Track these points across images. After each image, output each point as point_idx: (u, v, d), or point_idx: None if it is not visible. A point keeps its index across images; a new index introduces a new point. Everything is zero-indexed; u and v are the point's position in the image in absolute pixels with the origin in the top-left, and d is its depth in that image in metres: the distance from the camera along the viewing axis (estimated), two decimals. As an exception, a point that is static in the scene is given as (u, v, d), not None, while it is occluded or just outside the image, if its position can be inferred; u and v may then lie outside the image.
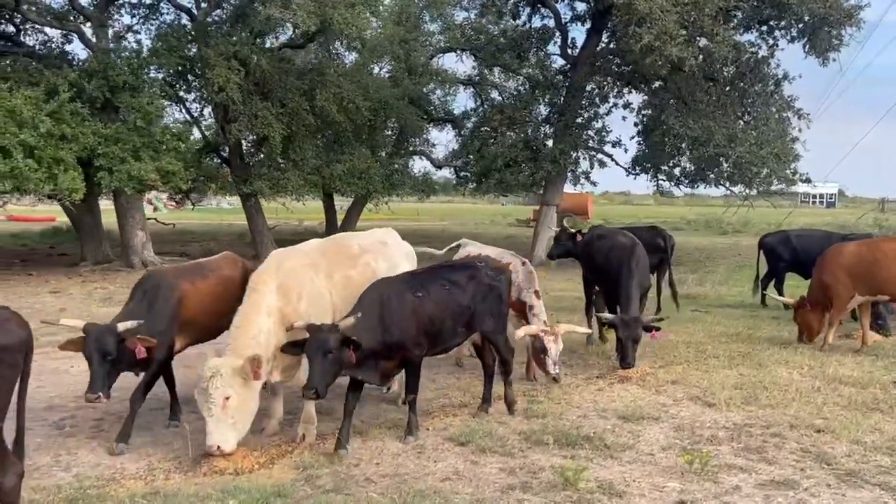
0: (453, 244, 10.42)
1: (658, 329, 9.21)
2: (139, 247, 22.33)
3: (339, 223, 34.38)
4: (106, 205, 24.73)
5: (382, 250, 7.88)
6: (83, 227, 23.63)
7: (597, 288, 10.87)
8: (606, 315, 9.34)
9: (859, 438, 6.81)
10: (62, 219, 29.34)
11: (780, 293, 14.22)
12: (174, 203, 59.27)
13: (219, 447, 5.95)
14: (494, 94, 31.78)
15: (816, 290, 10.85)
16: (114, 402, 6.99)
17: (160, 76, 23.31)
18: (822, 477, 6.00)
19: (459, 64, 31.38)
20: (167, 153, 20.22)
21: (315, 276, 7.09)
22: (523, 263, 8.88)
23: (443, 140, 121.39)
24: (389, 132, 33.05)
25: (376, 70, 30.51)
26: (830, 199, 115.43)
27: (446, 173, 37.04)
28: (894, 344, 11.02)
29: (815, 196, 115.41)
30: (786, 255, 14.70)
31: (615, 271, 9.61)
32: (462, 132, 31.41)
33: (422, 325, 6.68)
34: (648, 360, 9.91)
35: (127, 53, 21.15)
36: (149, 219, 32.48)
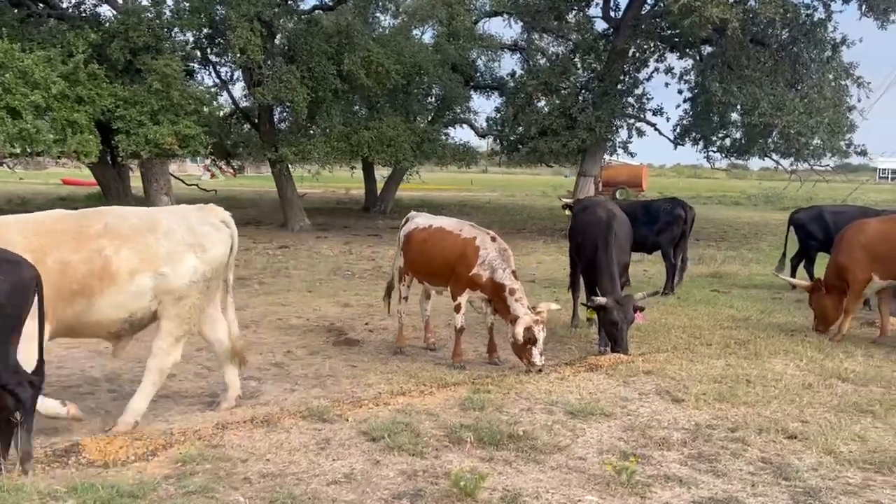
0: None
1: (643, 309, 8.34)
2: (163, 212, 22.09)
3: (379, 192, 34.02)
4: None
5: (140, 237, 6.05)
6: (111, 193, 23.57)
7: None
8: (599, 298, 8.41)
9: (834, 448, 5.86)
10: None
11: (811, 274, 13.05)
12: (232, 170, 59.87)
13: None
14: (543, 61, 30.58)
15: (832, 272, 9.75)
16: None
17: (187, 38, 22.98)
18: (774, 496, 5.11)
19: (507, 29, 30.13)
20: (187, 117, 19.84)
21: None
22: (493, 239, 8.03)
23: (488, 108, 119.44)
24: (432, 99, 32.30)
25: (418, 35, 29.56)
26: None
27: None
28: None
29: (893, 171, 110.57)
30: (818, 234, 13.43)
31: (591, 248, 8.72)
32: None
33: None
34: (633, 345, 9.02)
35: (149, 14, 20.76)
36: (190, 184, 32.68)
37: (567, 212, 11.71)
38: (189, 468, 5.34)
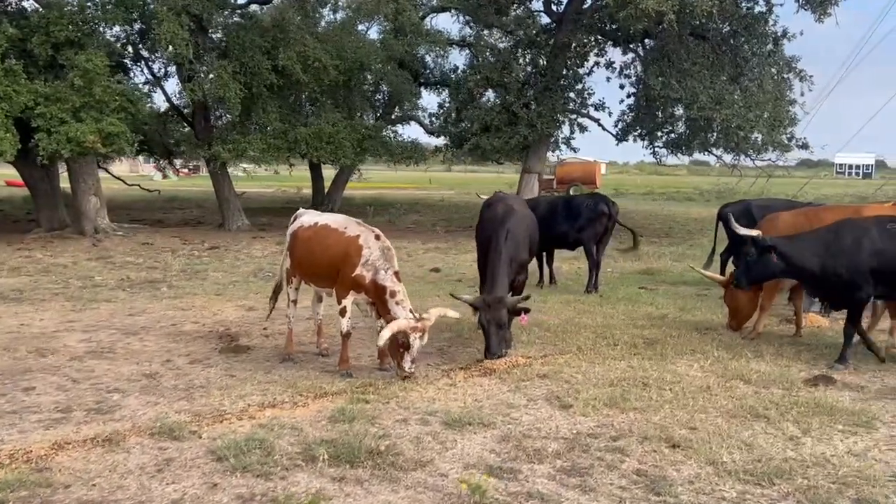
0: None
1: (528, 311, 7.92)
2: (92, 213, 21.38)
3: (326, 191, 33.36)
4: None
5: None
6: (38, 193, 22.75)
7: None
8: (465, 296, 7.99)
9: (717, 458, 5.47)
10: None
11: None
12: (187, 170, 58.59)
13: None
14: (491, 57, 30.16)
15: (746, 268, 9.39)
16: None
17: (116, 33, 22.26)
18: (639, 513, 4.71)
19: (456, 24, 29.60)
20: (112, 114, 19.13)
21: None
22: (377, 237, 7.52)
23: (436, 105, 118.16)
24: (380, 96, 31.76)
25: (364, 30, 28.94)
26: (867, 169, 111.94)
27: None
28: (838, 332, 9.54)
29: (851, 166, 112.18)
30: (745, 227, 13.11)
31: (485, 245, 8.29)
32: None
33: None
34: (536, 347, 8.64)
35: (72, 8, 19.98)
36: (132, 184, 31.82)
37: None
38: (3, 496, 4.80)
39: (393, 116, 31.95)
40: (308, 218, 8.18)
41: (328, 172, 33.51)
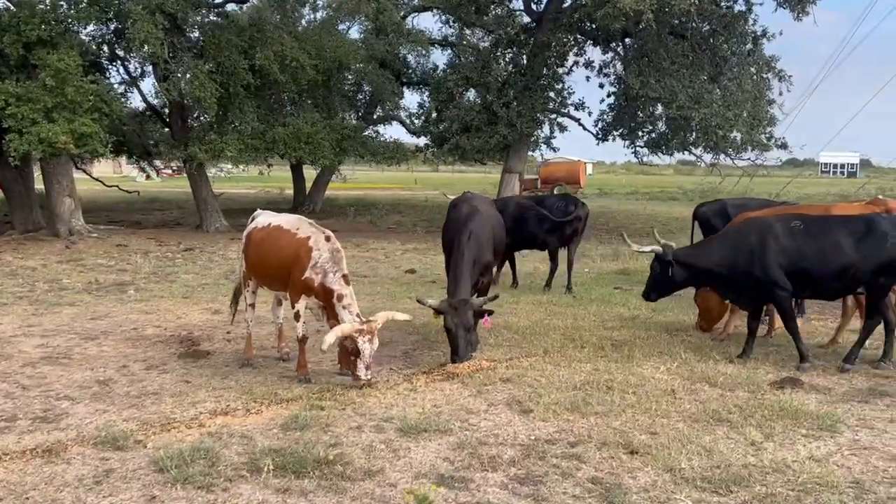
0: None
1: (491, 312, 7.78)
2: (66, 215, 21.08)
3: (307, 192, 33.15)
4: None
5: None
6: (12, 194, 22.46)
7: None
8: (429, 301, 7.83)
9: (676, 464, 5.33)
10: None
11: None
12: (171, 171, 58.25)
13: None
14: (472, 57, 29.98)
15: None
16: None
17: (91, 32, 21.99)
18: (591, 523, 4.56)
19: (438, 24, 29.37)
20: (86, 114, 18.86)
21: None
22: (327, 239, 7.31)
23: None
24: (362, 96, 31.59)
25: (344, 30, 28.73)
26: (852, 168, 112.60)
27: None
28: (811, 332, 9.47)
29: (836, 166, 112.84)
30: (721, 227, 13.02)
31: (449, 246, 8.13)
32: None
33: None
34: (503, 350, 8.49)
35: (44, 7, 19.70)
36: (111, 185, 31.47)
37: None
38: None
39: (375, 116, 31.79)
40: (262, 219, 8.00)
41: (311, 173, 33.33)
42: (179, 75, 20.77)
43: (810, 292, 8.17)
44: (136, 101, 27.20)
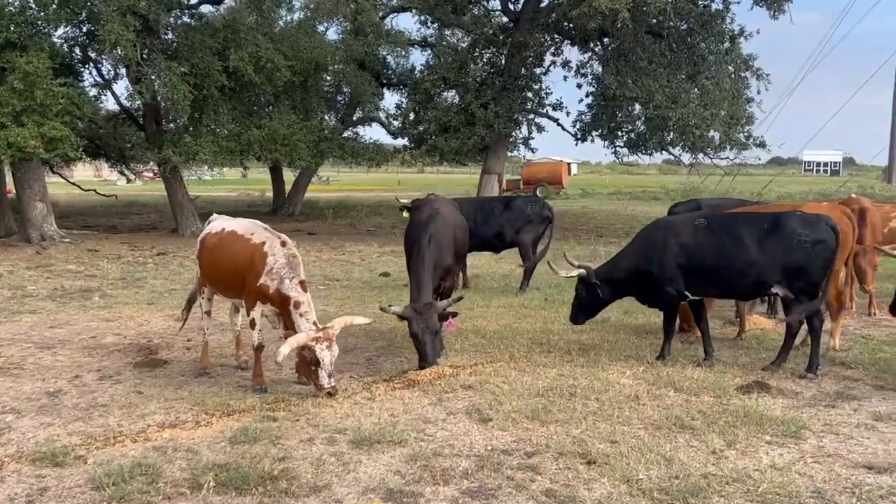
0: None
1: (455, 315, 7.61)
2: (38, 220, 20.76)
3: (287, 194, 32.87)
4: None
5: None
6: (-17, 199, 22.14)
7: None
8: (394, 308, 7.61)
9: (633, 475, 5.17)
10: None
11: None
12: (152, 174, 57.79)
13: None
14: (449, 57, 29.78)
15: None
16: None
17: (61, 34, 21.67)
18: (540, 539, 4.38)
19: (416, 24, 29.14)
20: (56, 118, 18.57)
21: None
22: (283, 244, 7.10)
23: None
24: (341, 97, 31.31)
25: (323, 31, 28.45)
26: (835, 167, 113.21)
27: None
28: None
29: (819, 164, 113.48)
30: (696, 228, 12.92)
31: (410, 251, 7.95)
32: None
33: None
34: (468, 355, 8.31)
35: (12, 8, 19.38)
36: (88, 189, 31.08)
37: (405, 213, 10.95)
38: None
39: (355, 118, 31.55)
40: (217, 224, 7.77)
41: (291, 176, 33.07)
42: (153, 77, 20.49)
43: (716, 291, 8.13)
44: (109, 104, 26.66)
